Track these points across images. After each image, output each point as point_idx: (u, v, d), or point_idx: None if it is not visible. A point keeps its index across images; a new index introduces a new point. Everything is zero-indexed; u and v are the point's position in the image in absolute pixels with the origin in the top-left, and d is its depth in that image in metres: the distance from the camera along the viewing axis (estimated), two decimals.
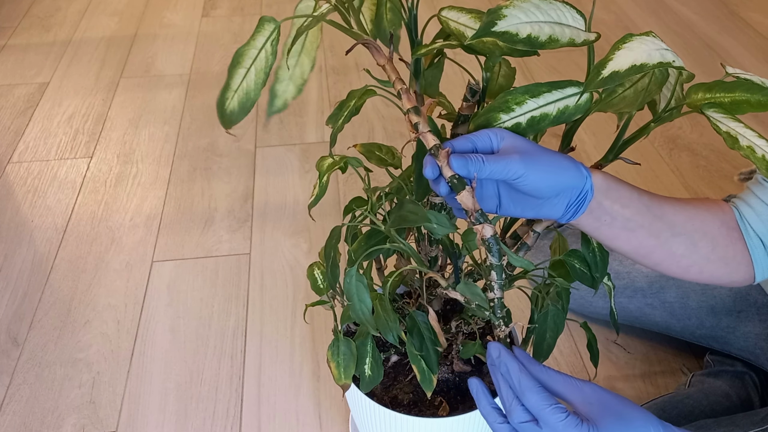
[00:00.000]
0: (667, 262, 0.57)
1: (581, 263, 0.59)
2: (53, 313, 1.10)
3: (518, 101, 0.49)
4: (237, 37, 1.88)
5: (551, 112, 0.48)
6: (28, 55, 1.83)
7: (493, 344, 0.54)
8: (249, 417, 0.94)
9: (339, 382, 0.62)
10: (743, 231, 0.57)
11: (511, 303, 1.09)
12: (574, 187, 0.50)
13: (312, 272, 0.67)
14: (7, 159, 1.45)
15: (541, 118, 0.48)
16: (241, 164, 1.41)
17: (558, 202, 0.51)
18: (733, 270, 0.58)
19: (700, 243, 0.56)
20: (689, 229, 0.55)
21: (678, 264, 0.57)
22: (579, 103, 0.48)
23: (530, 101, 0.48)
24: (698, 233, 0.56)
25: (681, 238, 0.55)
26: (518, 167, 0.47)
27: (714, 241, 0.56)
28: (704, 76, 1.63)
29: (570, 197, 0.51)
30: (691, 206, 0.57)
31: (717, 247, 0.56)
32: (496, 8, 0.46)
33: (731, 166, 1.38)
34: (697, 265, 0.57)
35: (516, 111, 0.49)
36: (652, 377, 0.99)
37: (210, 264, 1.18)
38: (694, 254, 0.56)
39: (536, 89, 0.48)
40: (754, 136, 0.44)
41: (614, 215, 0.53)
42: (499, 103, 0.49)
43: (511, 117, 0.49)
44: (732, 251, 0.57)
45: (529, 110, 0.48)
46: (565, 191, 0.50)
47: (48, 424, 0.94)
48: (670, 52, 0.46)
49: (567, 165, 0.50)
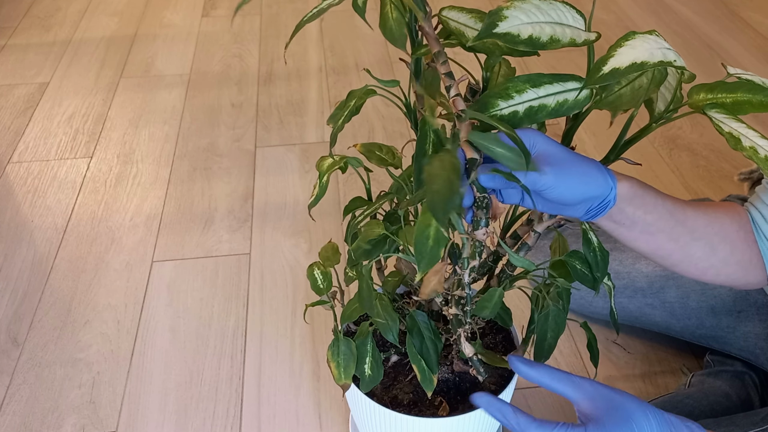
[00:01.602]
0: (685, 263, 0.57)
1: (582, 264, 0.59)
2: (53, 313, 1.10)
3: (518, 89, 0.48)
4: (237, 37, 1.88)
5: (550, 104, 0.48)
6: (28, 55, 1.83)
7: (476, 396, 0.54)
8: (249, 417, 0.94)
9: (339, 382, 0.62)
10: (756, 234, 0.58)
11: (511, 303, 1.09)
12: (598, 197, 0.51)
13: (312, 272, 0.67)
14: (7, 159, 1.45)
15: (539, 109, 0.48)
16: (241, 164, 1.41)
17: (580, 207, 0.52)
18: (749, 273, 0.58)
19: (719, 247, 0.56)
20: (709, 233, 0.56)
21: (696, 266, 0.57)
22: (578, 98, 0.48)
23: (530, 90, 0.48)
24: (717, 237, 0.56)
25: (701, 243, 0.56)
26: (548, 180, 0.47)
27: (732, 245, 0.57)
28: (704, 75, 1.63)
29: (592, 204, 0.51)
30: (711, 210, 0.57)
31: (735, 251, 0.57)
32: (497, 9, 0.46)
33: (731, 166, 1.38)
34: (714, 268, 0.57)
35: (515, 99, 0.48)
36: (652, 377, 0.99)
37: (210, 264, 1.18)
38: (713, 257, 0.57)
39: (538, 79, 0.48)
40: (757, 137, 0.44)
41: (635, 220, 0.53)
42: (500, 90, 0.48)
43: (510, 105, 0.48)
44: (748, 255, 0.57)
45: (528, 100, 0.48)
46: (589, 200, 0.51)
47: (48, 424, 0.94)
48: (671, 52, 0.46)
49: (595, 175, 0.50)
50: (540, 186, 0.48)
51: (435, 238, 0.45)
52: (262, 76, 1.71)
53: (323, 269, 0.67)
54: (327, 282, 0.66)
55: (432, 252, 0.45)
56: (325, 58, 1.78)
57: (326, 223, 1.25)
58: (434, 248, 0.45)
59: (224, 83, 1.68)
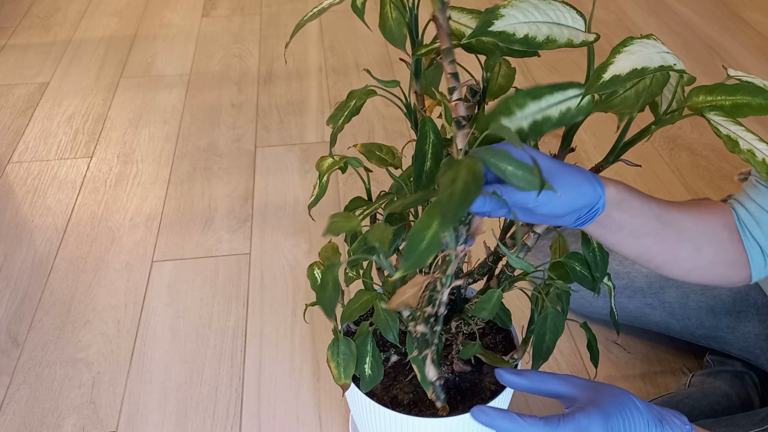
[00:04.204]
0: (670, 265, 0.57)
1: (582, 266, 0.59)
2: (53, 313, 1.10)
3: (519, 104, 0.47)
4: (237, 37, 1.88)
5: (553, 115, 0.47)
6: (28, 55, 1.83)
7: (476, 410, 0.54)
8: (249, 417, 0.94)
9: (339, 382, 0.62)
10: (741, 233, 0.57)
11: (511, 303, 1.09)
12: (587, 205, 0.50)
13: (312, 272, 0.67)
14: (7, 159, 1.45)
15: (543, 121, 0.47)
16: (241, 164, 1.41)
17: (570, 217, 0.51)
18: (733, 272, 0.58)
19: (705, 247, 0.56)
20: (694, 234, 0.56)
21: (681, 267, 0.57)
22: (581, 105, 0.47)
23: (532, 104, 0.47)
24: (703, 237, 0.56)
25: (687, 244, 0.55)
26: (542, 197, 0.46)
27: (718, 244, 0.56)
28: (704, 76, 1.64)
29: (581, 213, 0.51)
30: (696, 210, 0.57)
31: (720, 251, 0.57)
32: (493, 8, 0.46)
33: (731, 166, 1.38)
34: (700, 269, 0.57)
35: (517, 115, 0.47)
36: (652, 377, 0.99)
37: (210, 264, 1.18)
38: (698, 258, 0.56)
39: (537, 91, 0.47)
40: (755, 140, 0.44)
41: (622, 225, 0.53)
42: (501, 107, 0.47)
43: (512, 121, 0.47)
44: (733, 253, 0.57)
45: (531, 113, 0.47)
46: (579, 209, 0.50)
47: (48, 424, 0.94)
48: (671, 56, 0.46)
49: (585, 184, 0.49)
50: (530, 203, 0.47)
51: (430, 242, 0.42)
52: (262, 76, 1.71)
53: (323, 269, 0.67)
54: None
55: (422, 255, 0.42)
56: (325, 58, 1.78)
57: (326, 223, 1.25)
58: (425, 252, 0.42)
59: (224, 83, 1.68)
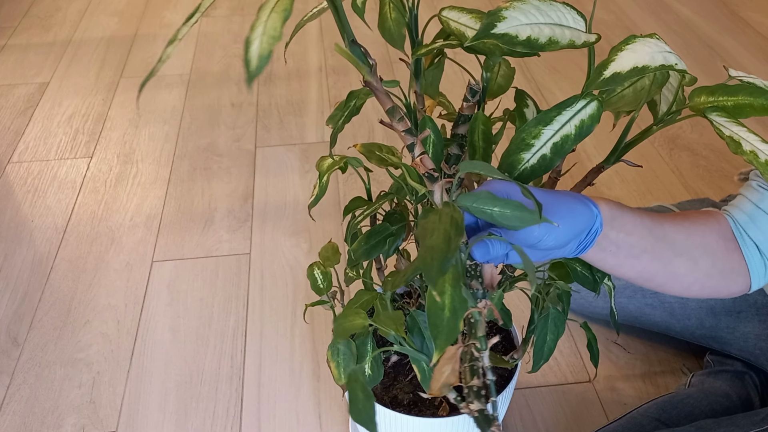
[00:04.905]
0: (670, 282, 0.56)
1: (582, 266, 0.59)
2: (53, 313, 1.10)
3: (534, 134, 0.47)
4: (237, 37, 1.88)
5: (571, 132, 0.47)
6: (28, 55, 1.83)
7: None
8: (249, 417, 0.94)
9: (339, 382, 0.62)
10: (739, 239, 0.57)
11: (511, 304, 1.09)
12: (586, 228, 0.49)
13: (312, 272, 0.67)
14: (7, 159, 1.45)
15: (563, 141, 0.47)
16: (241, 164, 1.41)
17: (571, 245, 0.50)
18: (731, 281, 0.57)
19: (701, 260, 0.55)
20: (689, 247, 0.55)
21: (680, 283, 0.56)
22: (592, 113, 0.47)
23: (546, 130, 0.47)
24: (698, 250, 0.55)
25: (683, 258, 0.55)
26: (538, 233, 0.45)
27: (714, 255, 0.56)
28: (704, 76, 1.64)
29: (581, 237, 0.50)
30: (689, 222, 0.56)
31: (716, 261, 0.56)
32: (495, 10, 0.46)
33: (731, 166, 1.38)
34: (698, 282, 0.56)
35: (536, 145, 0.47)
36: (652, 377, 0.99)
37: (210, 264, 1.18)
38: (696, 271, 0.56)
39: (545, 116, 0.47)
40: (757, 141, 0.44)
41: (619, 244, 0.52)
42: (517, 144, 0.47)
43: (533, 153, 0.47)
44: (729, 263, 0.57)
45: (548, 139, 0.47)
46: (579, 233, 0.49)
47: (48, 424, 0.94)
48: (673, 55, 0.46)
49: (578, 207, 0.48)
50: (531, 241, 0.46)
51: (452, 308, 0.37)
52: (262, 76, 1.71)
53: (323, 269, 0.67)
54: (327, 282, 0.66)
55: (449, 324, 0.37)
56: (325, 58, 1.78)
57: (326, 223, 1.25)
58: (452, 319, 0.37)
59: (224, 83, 1.68)
